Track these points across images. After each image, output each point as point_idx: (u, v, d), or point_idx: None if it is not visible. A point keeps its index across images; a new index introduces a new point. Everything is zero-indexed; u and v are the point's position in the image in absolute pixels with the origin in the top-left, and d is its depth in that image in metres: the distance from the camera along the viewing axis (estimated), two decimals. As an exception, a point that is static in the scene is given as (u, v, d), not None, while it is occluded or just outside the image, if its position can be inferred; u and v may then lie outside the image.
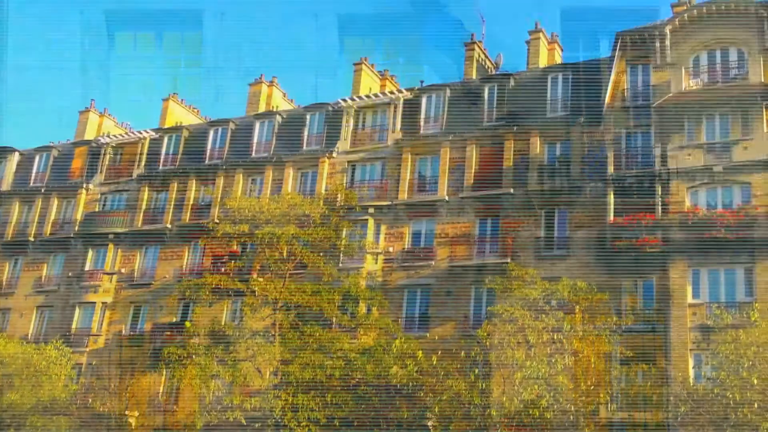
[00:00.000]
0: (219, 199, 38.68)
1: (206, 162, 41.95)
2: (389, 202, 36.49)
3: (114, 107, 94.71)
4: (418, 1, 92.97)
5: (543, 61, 39.24)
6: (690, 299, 29.30)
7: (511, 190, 34.25)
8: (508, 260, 32.45)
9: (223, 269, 36.68)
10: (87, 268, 41.84)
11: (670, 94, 32.38)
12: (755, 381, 21.65)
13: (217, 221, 33.97)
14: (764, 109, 30.68)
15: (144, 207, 42.15)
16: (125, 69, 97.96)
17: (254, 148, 41.13)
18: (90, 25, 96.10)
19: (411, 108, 38.31)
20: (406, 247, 35.70)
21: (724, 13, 32.90)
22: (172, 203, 41.37)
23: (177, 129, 44.15)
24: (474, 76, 39.81)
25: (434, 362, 24.57)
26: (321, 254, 31.58)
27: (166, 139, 43.66)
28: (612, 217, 31.41)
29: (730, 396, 21.81)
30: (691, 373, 27.54)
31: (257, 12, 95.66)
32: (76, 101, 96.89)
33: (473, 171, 35.60)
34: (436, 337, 32.79)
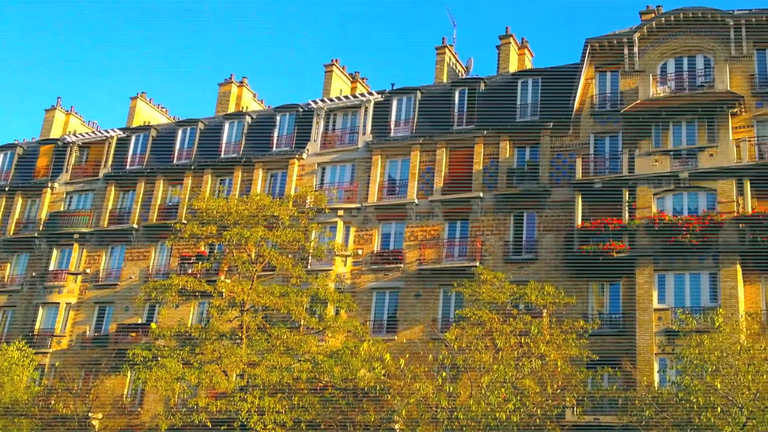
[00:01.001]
0: (187, 200, 38.33)
1: (174, 162, 41.61)
2: (359, 205, 36.46)
3: (81, 106, 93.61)
4: (390, 5, 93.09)
5: (513, 66, 39.48)
6: (656, 304, 29.62)
7: (481, 194, 34.41)
8: (477, 263, 32.57)
9: (190, 270, 36.44)
10: (51, 268, 41.29)
11: (638, 101, 32.74)
12: (719, 385, 21.86)
13: (185, 222, 33.60)
14: (729, 117, 31.11)
15: (110, 207, 41.71)
16: (93, 67, 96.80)
17: (223, 148, 40.86)
18: (58, 22, 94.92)
19: (381, 110, 38.32)
20: (375, 249, 35.70)
21: (692, 21, 33.37)
22: (139, 203, 41.00)
23: (145, 128, 43.71)
24: (445, 80, 39.94)
25: (402, 365, 24.47)
26: (290, 256, 31.39)
27: (133, 139, 43.21)
28: (580, 222, 31.66)
29: (694, 400, 21.99)
30: (656, 377, 27.84)
31: (229, 12, 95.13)
32: (42, 99, 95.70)
33: (443, 174, 35.71)
34: (404, 340, 32.87)
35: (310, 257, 34.15)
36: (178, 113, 48.82)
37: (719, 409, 21.63)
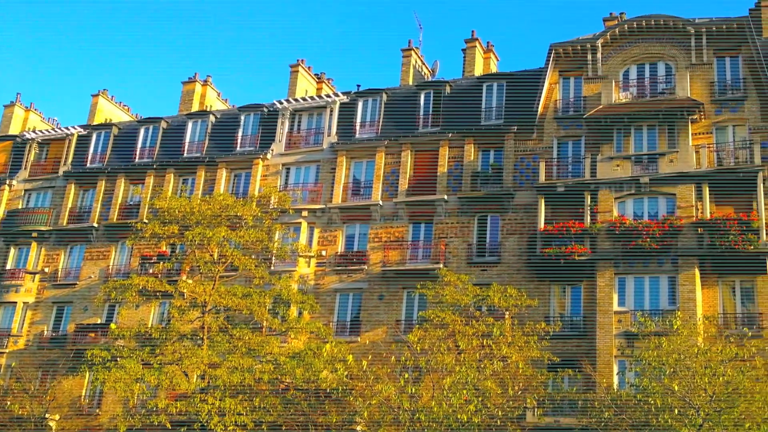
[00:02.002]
0: (148, 199, 37.92)
1: (136, 161, 41.16)
2: (323, 206, 36.37)
3: (41, 102, 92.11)
4: (357, 6, 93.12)
5: (479, 70, 39.74)
6: (616, 306, 29.98)
7: (445, 196, 34.54)
8: (441, 265, 32.68)
9: (151, 270, 36.04)
10: (8, 266, 40.59)
11: (601, 106, 33.13)
12: (676, 387, 22.14)
13: (146, 221, 33.23)
14: (689, 123, 31.62)
15: (70, 205, 41.12)
16: (54, 63, 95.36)
17: (186, 147, 40.50)
18: (18, 17, 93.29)
19: (347, 112, 38.28)
20: (339, 251, 35.64)
21: (654, 28, 33.88)
22: (100, 202, 40.48)
23: (106, 126, 43.15)
24: (410, 82, 40.04)
25: (364, 367, 24.44)
26: (253, 257, 31.19)
27: (94, 136, 42.65)
28: (543, 225, 31.93)
29: (652, 402, 22.25)
30: (616, 378, 28.16)
31: (194, 9, 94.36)
32: (1, 95, 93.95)
33: (408, 176, 35.78)
34: (367, 342, 32.84)
35: (273, 258, 33.97)
36: (140, 111, 48.33)
37: (676, 411, 21.92)
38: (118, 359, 27.63)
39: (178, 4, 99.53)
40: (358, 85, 39.77)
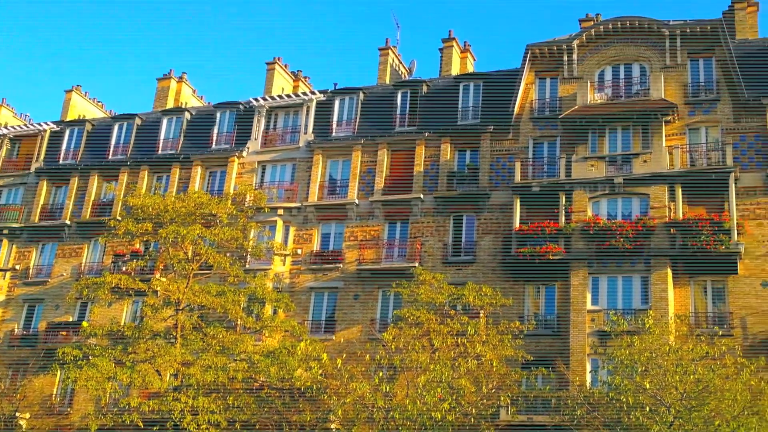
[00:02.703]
0: (122, 196, 37.60)
1: (109, 157, 40.83)
2: (299, 204, 36.28)
3: (13, 98, 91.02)
4: (334, 4, 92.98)
5: (455, 69, 39.84)
6: (589, 305, 30.19)
7: (421, 196, 34.60)
8: (416, 264, 32.72)
9: (124, 268, 35.74)
10: (-22, 264, 40.02)
11: (576, 107, 33.33)
12: (647, 385, 22.32)
13: (120, 218, 32.94)
14: (663, 124, 31.91)
15: (42, 202, 40.71)
16: (26, 58, 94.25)
17: (161, 144, 40.24)
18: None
19: (323, 110, 38.21)
20: (315, 249, 35.58)
21: (629, 30, 34.16)
22: (72, 199, 40.09)
23: (79, 122, 42.75)
24: (387, 81, 40.05)
25: (339, 365, 24.41)
26: (227, 255, 31.01)
27: (67, 133, 42.26)
28: (518, 225, 32.08)
29: (624, 399, 22.42)
30: (588, 377, 28.37)
31: (170, 4, 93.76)
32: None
33: (384, 175, 35.79)
34: (342, 340, 32.81)
35: (248, 256, 33.82)
36: (114, 108, 48.05)
37: (648, 409, 22.11)
38: (90, 357, 27.38)
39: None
40: (335, 84, 39.76)
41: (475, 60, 41.83)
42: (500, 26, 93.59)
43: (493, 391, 24.66)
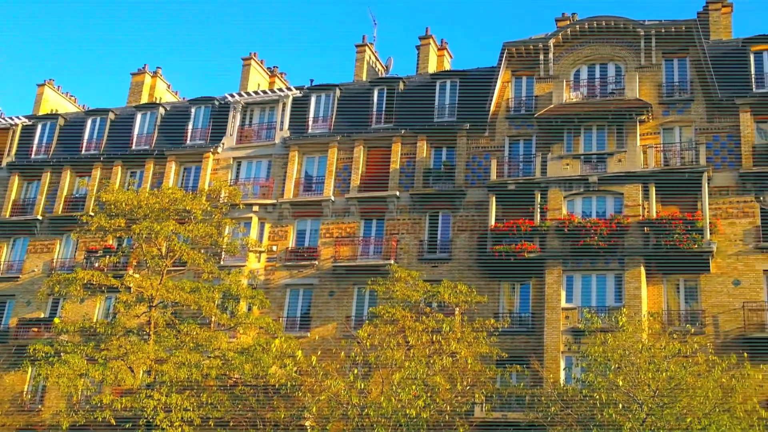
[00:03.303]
0: (95, 192, 37.22)
1: (82, 152, 40.41)
2: (274, 201, 36.12)
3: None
4: (311, 1, 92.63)
5: (432, 67, 39.84)
6: (563, 303, 30.37)
7: (397, 193, 34.59)
8: (392, 262, 32.71)
9: (96, 264, 35.39)
10: (-52, 259, 39.43)
11: (552, 106, 33.49)
12: (620, 383, 22.47)
13: (92, 214, 32.60)
14: (638, 124, 32.15)
15: (13, 197, 40.23)
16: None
17: (135, 140, 39.89)
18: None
19: (300, 107, 38.06)
20: (290, 246, 35.46)
21: (604, 30, 34.36)
22: (44, 194, 39.66)
23: (52, 117, 42.25)
24: (364, 78, 39.97)
25: (314, 362, 24.33)
26: (202, 251, 30.78)
27: (39, 127, 41.77)
28: (493, 223, 32.17)
29: (597, 397, 22.57)
30: (562, 374, 28.53)
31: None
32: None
33: (360, 172, 35.73)
34: (317, 337, 32.70)
35: (222, 253, 33.61)
36: (87, 102, 47.45)
37: (621, 406, 22.25)
38: (62, 354, 27.07)
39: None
40: (311, 80, 39.62)
41: (451, 58, 41.89)
42: (477, 24, 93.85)
43: (468, 388, 24.70)
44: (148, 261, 29.84)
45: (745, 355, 23.88)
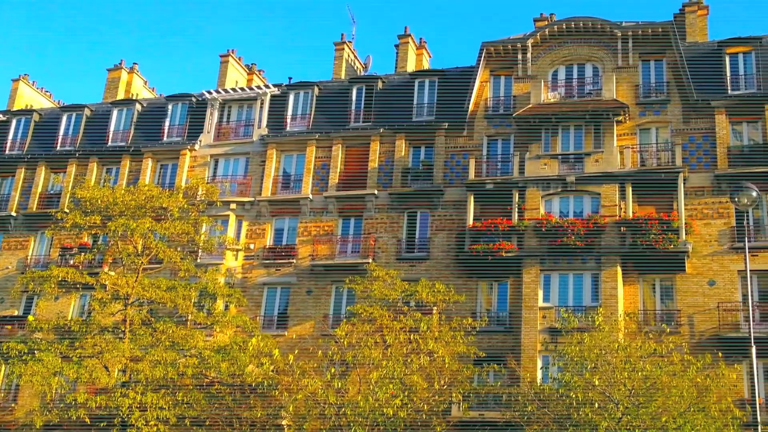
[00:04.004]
0: (70, 188, 36.84)
1: (57, 148, 39.97)
2: (252, 199, 35.95)
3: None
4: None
5: (411, 66, 39.86)
6: (541, 302, 30.49)
7: (375, 192, 34.56)
8: (370, 260, 32.68)
9: (71, 261, 35.05)
10: None
11: (530, 105, 33.60)
12: (597, 382, 22.62)
13: (67, 211, 32.25)
14: (614, 124, 32.35)
15: (-14, 193, 39.62)
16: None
17: (111, 136, 39.53)
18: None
19: (278, 104, 37.91)
20: (268, 244, 35.32)
21: (582, 30, 34.53)
22: (18, 190, 39.22)
23: (27, 112, 41.73)
24: (343, 76, 39.89)
25: (291, 361, 24.25)
26: (178, 249, 30.55)
27: (14, 122, 41.25)
28: (471, 222, 32.24)
29: (574, 396, 22.68)
30: (539, 373, 28.64)
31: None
32: None
33: (338, 171, 35.65)
34: (294, 336, 32.64)
35: (199, 251, 33.40)
36: (63, 98, 46.99)
37: (597, 405, 22.38)
38: (36, 352, 26.74)
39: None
40: (290, 78, 39.59)
41: (430, 57, 41.93)
42: (456, 24, 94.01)
43: (445, 387, 24.74)
44: (123, 258, 29.58)
45: (720, 354, 24.17)
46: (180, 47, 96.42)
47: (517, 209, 32.08)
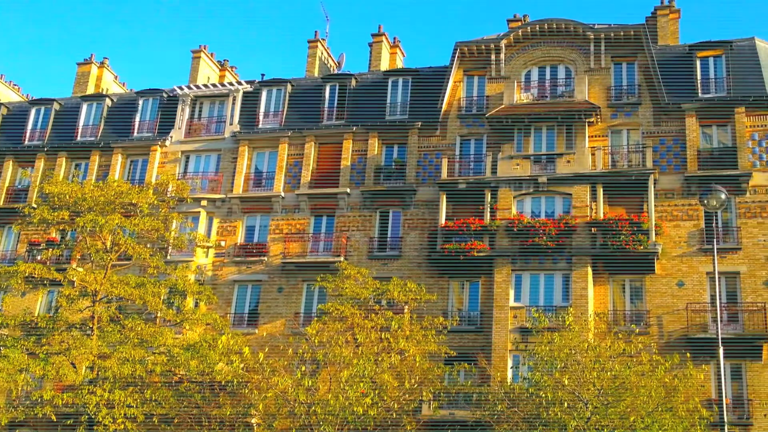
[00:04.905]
0: (38, 183, 36.32)
1: (25, 143, 39.40)
2: (223, 196, 35.70)
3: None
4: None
5: (385, 65, 39.80)
6: (512, 302, 30.61)
7: (348, 190, 34.47)
8: (341, 259, 32.59)
9: (39, 257, 34.58)
10: None
11: (503, 106, 33.71)
12: (566, 381, 22.73)
13: (35, 206, 31.79)
14: (586, 126, 32.57)
15: (-48, 187, 38.90)
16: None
17: (80, 131, 39.04)
18: None
19: (250, 101, 37.67)
20: (239, 242, 35.08)
21: (555, 32, 34.70)
22: (-15, 185, 38.45)
23: (-6, 106, 41.04)
24: (316, 74, 39.74)
25: (261, 359, 24.09)
26: (148, 246, 30.23)
27: (-20, 116, 40.50)
28: (443, 221, 32.27)
29: (543, 395, 22.79)
30: (509, 372, 28.75)
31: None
32: None
33: (311, 168, 35.51)
34: (265, 334, 32.46)
35: (169, 247, 33.09)
36: (31, 92, 46.23)
37: (566, 404, 22.49)
38: (2, 349, 26.36)
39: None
40: (263, 75, 39.26)
41: (404, 56, 41.90)
42: (430, 23, 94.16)
43: (416, 386, 24.72)
44: (92, 255, 29.21)
45: (688, 355, 24.42)
46: (152, 42, 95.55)
47: (489, 209, 32.17)
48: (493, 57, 34.94)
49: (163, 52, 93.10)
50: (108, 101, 39.58)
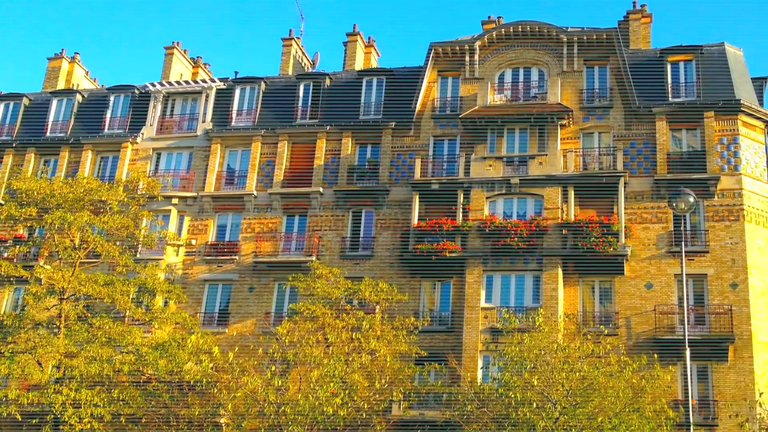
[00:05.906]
0: (6, 179, 35.80)
1: (-7, 138, 38.78)
2: (195, 194, 35.44)
3: None
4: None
5: (359, 64, 39.75)
6: (483, 303, 30.71)
7: (321, 189, 34.38)
8: (313, 258, 32.50)
9: (5, 254, 34.10)
10: None
11: (476, 107, 33.82)
12: (535, 382, 22.84)
13: (2, 202, 31.35)
14: (559, 128, 32.77)
15: None
16: None
17: (49, 126, 38.54)
18: None
19: (223, 99, 37.45)
20: (210, 240, 34.84)
21: (529, 35, 34.87)
22: (-49, 180, 37.83)
23: (-38, 100, 40.37)
24: (290, 72, 39.58)
25: (230, 358, 23.94)
26: (117, 244, 29.92)
27: (-52, 110, 39.84)
28: (416, 221, 32.30)
29: (513, 396, 22.89)
30: (479, 373, 28.85)
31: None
32: None
33: (284, 167, 35.37)
34: (235, 333, 32.27)
35: (139, 246, 32.78)
36: (0, 86, 45.55)
37: (535, 405, 22.60)
38: (-34, 347, 25.93)
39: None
40: (236, 72, 39.02)
41: (379, 56, 41.88)
42: (405, 23, 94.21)
43: (386, 386, 24.70)
44: (60, 252, 28.88)
45: (656, 356, 24.63)
46: (124, 38, 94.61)
47: (461, 210, 32.26)
48: (467, 58, 35.03)
49: (136, 49, 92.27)
50: (78, 97, 39.14)
